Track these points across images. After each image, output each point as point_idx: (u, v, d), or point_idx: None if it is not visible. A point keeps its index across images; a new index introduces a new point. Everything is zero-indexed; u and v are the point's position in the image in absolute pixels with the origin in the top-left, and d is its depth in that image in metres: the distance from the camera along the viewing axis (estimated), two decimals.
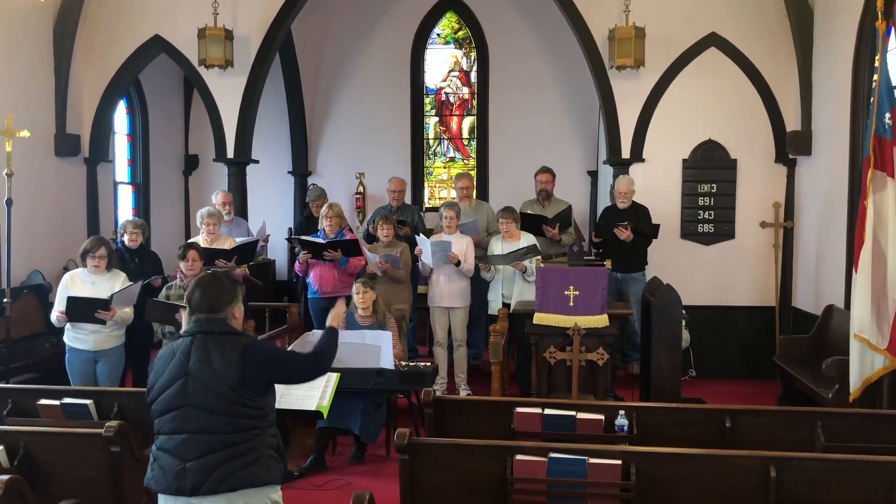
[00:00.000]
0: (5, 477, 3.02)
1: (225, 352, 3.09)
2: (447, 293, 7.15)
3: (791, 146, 7.86)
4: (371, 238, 7.86)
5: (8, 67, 7.50)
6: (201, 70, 8.47)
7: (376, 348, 5.74)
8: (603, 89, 8.23)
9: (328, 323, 3.73)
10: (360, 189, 11.08)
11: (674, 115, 8.15)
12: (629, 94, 8.17)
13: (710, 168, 8.17)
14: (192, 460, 3.03)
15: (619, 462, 3.55)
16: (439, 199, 11.21)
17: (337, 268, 7.14)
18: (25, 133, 6.57)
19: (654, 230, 7.52)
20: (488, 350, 8.59)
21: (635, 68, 7.89)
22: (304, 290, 8.07)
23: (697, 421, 4.42)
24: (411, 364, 6.02)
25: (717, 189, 8.19)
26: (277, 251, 10.91)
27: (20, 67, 7.73)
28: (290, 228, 10.82)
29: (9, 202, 6.39)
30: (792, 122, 7.95)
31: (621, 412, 4.36)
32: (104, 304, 5.62)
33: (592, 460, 3.55)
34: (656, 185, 8.15)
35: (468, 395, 7.16)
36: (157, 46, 8.66)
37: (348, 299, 6.21)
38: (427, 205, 11.16)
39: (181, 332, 3.28)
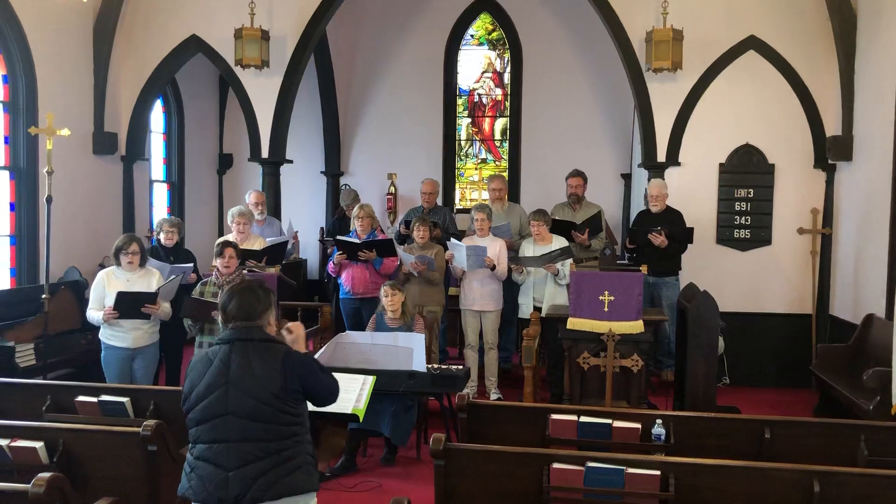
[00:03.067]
0: (47, 475, 3.05)
1: (266, 359, 3.07)
2: (479, 296, 7.12)
3: (831, 151, 7.72)
4: (403, 239, 7.87)
5: (49, 66, 7.60)
6: (237, 70, 8.52)
7: (408, 350, 5.72)
8: (639, 92, 8.14)
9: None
10: (392, 190, 11.09)
11: (711, 118, 8.05)
12: (666, 97, 8.08)
13: (747, 173, 8.05)
14: (235, 469, 2.98)
15: (658, 473, 3.49)
16: (471, 200, 11.19)
17: (369, 268, 7.15)
18: (66, 131, 6.65)
19: (688, 235, 7.43)
20: (518, 353, 8.57)
21: (672, 71, 7.80)
22: (336, 291, 8.09)
23: (736, 431, 4.34)
24: (443, 367, 6.00)
25: (753, 194, 8.07)
26: (309, 251, 10.96)
27: (60, 67, 7.83)
28: (321, 228, 10.86)
29: (49, 199, 6.47)
30: (832, 128, 7.80)
31: (658, 421, 4.29)
32: (152, 297, 5.70)
33: (631, 470, 3.51)
34: (692, 189, 8.06)
35: (498, 398, 7.14)
36: (193, 46, 8.73)
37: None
38: (458, 206, 11.14)
39: (216, 338, 3.23)
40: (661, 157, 8.13)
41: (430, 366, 5.86)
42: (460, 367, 6.04)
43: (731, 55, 7.99)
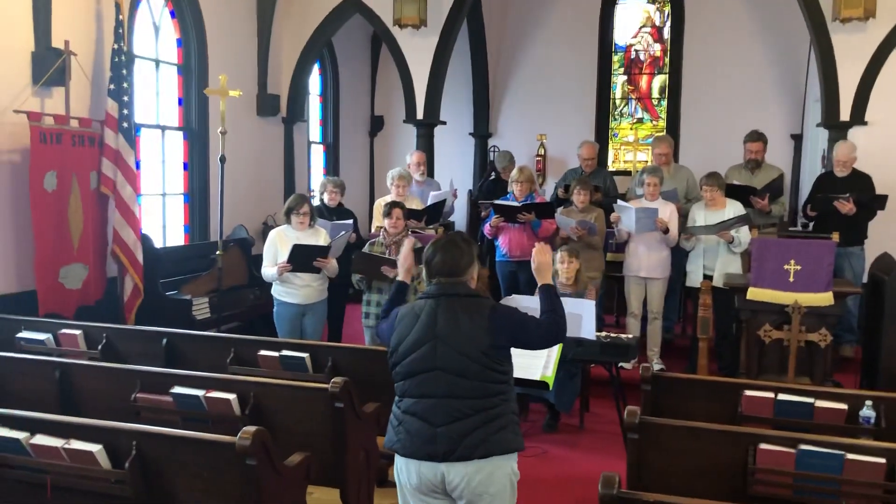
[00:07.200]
0: (253, 428, 3.09)
1: (473, 315, 3.01)
2: (646, 263, 6.81)
3: None
4: (561, 202, 7.64)
5: (217, 30, 7.84)
6: (394, 30, 8.48)
7: (578, 317, 5.53)
8: (821, 44, 7.49)
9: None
10: (541, 151, 10.84)
11: None
12: (852, 50, 7.40)
13: None
14: (443, 425, 2.95)
15: (884, 461, 3.17)
16: (624, 162, 10.78)
17: (527, 231, 6.99)
18: (237, 92, 6.82)
19: (880, 201, 6.78)
20: (681, 323, 8.23)
21: (863, 20, 7.11)
22: (489, 253, 8.00)
23: None
24: (612, 335, 5.79)
25: None
26: (456, 212, 10.88)
27: (228, 30, 8.05)
28: (469, 191, 10.79)
29: (222, 159, 6.68)
30: None
31: (868, 402, 3.92)
32: (324, 251, 5.81)
33: (851, 456, 3.20)
34: (880, 150, 7.37)
35: (661, 369, 6.85)
36: (352, 7, 8.76)
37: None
38: (611, 168, 10.76)
39: (421, 293, 3.20)
40: (845, 115, 7.49)
41: (599, 334, 5.67)
42: (630, 336, 5.82)
43: None
